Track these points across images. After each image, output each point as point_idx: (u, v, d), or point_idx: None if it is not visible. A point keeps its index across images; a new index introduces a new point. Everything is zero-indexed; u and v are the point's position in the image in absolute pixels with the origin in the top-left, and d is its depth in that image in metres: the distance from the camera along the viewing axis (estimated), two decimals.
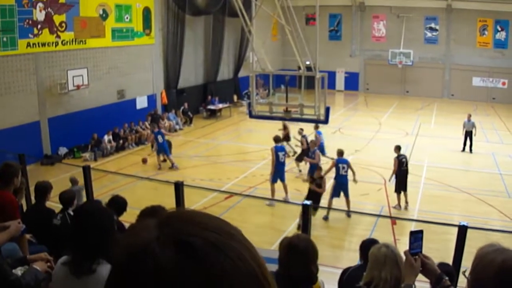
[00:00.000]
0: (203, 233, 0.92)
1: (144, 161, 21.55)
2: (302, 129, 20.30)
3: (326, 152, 19.95)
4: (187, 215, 0.99)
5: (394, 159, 16.34)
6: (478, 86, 40.25)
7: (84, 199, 10.52)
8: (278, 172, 16.67)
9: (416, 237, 3.22)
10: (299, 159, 19.65)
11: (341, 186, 15.37)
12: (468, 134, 23.65)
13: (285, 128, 21.65)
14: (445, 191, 18.13)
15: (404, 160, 16.43)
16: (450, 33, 40.51)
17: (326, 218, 15.05)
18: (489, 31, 39.49)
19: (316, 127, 19.97)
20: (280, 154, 16.73)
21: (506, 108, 36.40)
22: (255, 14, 17.38)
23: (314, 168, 16.64)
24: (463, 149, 23.81)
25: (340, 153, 15.86)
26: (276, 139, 17.27)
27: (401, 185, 16.17)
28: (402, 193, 16.27)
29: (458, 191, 18.12)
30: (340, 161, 15.64)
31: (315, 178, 14.95)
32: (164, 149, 20.86)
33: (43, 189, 7.68)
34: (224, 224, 0.98)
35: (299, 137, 20.43)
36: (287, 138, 22.15)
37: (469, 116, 24.14)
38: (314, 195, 14.33)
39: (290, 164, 18.90)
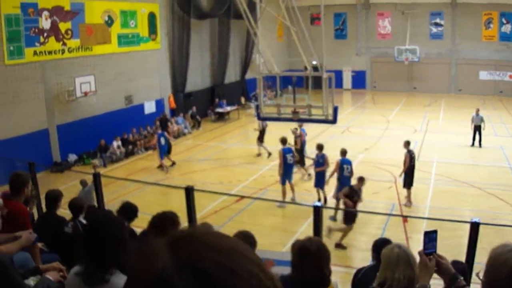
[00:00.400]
0: (216, 257, 0.93)
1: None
2: (296, 129, 19.68)
3: (306, 151, 19.76)
4: (196, 237, 1.00)
5: (405, 154, 16.18)
6: (485, 79, 40.12)
7: (94, 200, 10.53)
8: (286, 174, 16.61)
9: (430, 237, 3.20)
10: (301, 163, 19.22)
11: (344, 187, 15.01)
12: (477, 129, 23.60)
13: (260, 128, 21.64)
14: (455, 187, 18.07)
15: (413, 155, 16.36)
16: (455, 27, 40.38)
17: (334, 219, 14.75)
18: (495, 24, 39.33)
19: (301, 125, 19.61)
20: (288, 156, 16.64)
21: None
22: (260, 15, 17.34)
23: (321, 175, 16.42)
24: (472, 144, 23.72)
25: (343, 152, 15.59)
26: (283, 141, 17.13)
27: (410, 180, 16.10)
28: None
29: (469, 186, 18.04)
30: (345, 162, 15.44)
31: (357, 190, 13.71)
32: (163, 151, 21.04)
33: (54, 198, 7.71)
34: (233, 242, 1.00)
35: (294, 136, 20.11)
36: (261, 138, 22.37)
37: (477, 110, 24.08)
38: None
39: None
